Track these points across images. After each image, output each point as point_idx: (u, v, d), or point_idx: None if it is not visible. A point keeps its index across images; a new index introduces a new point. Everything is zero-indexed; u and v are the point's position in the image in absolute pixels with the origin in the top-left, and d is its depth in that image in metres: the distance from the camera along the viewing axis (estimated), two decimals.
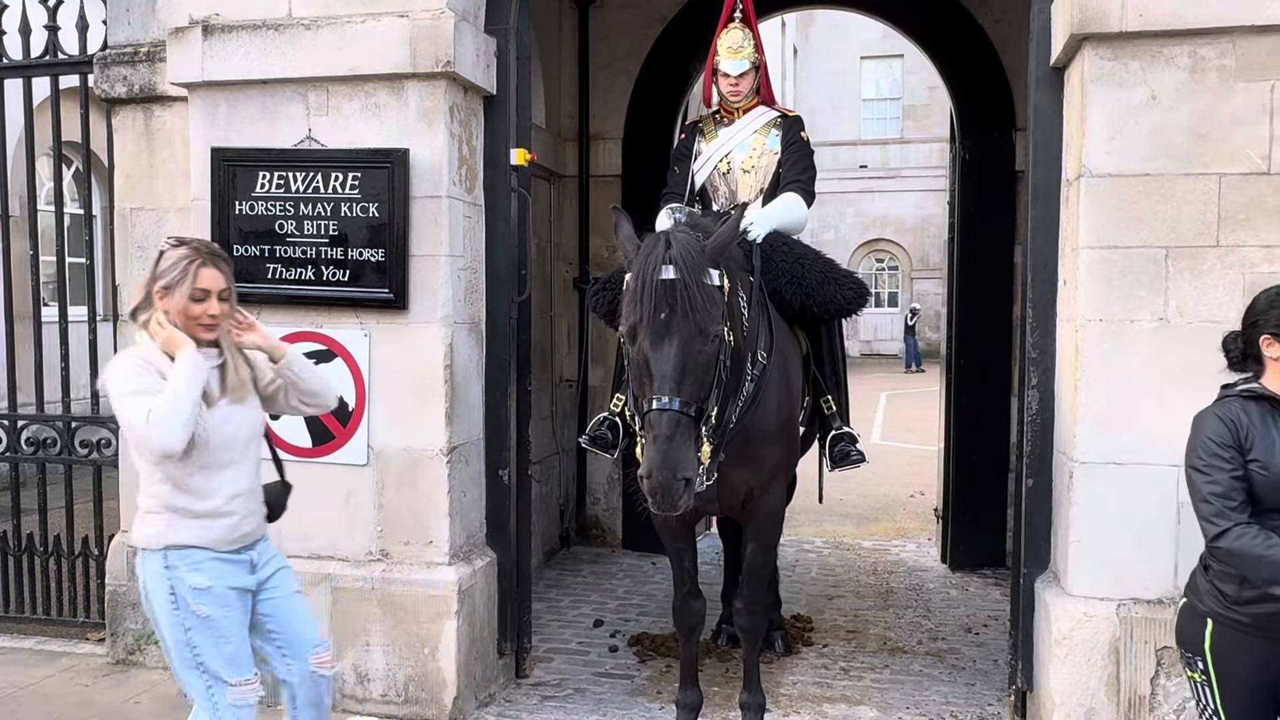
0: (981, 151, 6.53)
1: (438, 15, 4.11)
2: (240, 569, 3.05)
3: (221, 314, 2.96)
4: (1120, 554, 3.70)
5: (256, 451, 3.14)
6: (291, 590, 3.21)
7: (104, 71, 4.84)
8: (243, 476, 3.05)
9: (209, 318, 2.93)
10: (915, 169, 29.99)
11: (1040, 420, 4.00)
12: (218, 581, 2.98)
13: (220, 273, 2.96)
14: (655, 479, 3.10)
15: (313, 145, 4.30)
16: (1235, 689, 2.70)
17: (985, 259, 6.50)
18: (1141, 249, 3.64)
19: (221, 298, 2.95)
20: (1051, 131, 3.97)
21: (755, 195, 4.66)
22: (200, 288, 2.91)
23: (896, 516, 8.78)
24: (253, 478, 3.11)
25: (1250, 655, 2.69)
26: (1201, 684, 2.76)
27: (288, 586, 3.20)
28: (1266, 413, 2.73)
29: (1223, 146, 3.58)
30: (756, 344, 3.83)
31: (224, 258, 3.04)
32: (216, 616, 2.97)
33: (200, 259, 2.93)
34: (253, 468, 3.11)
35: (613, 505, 7.29)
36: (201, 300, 2.91)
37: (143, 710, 4.43)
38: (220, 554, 2.99)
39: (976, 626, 5.56)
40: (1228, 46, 3.56)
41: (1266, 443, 2.68)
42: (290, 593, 3.20)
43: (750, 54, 4.61)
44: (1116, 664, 3.69)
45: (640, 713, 4.44)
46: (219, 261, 2.98)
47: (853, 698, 4.59)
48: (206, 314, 2.92)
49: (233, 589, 3.01)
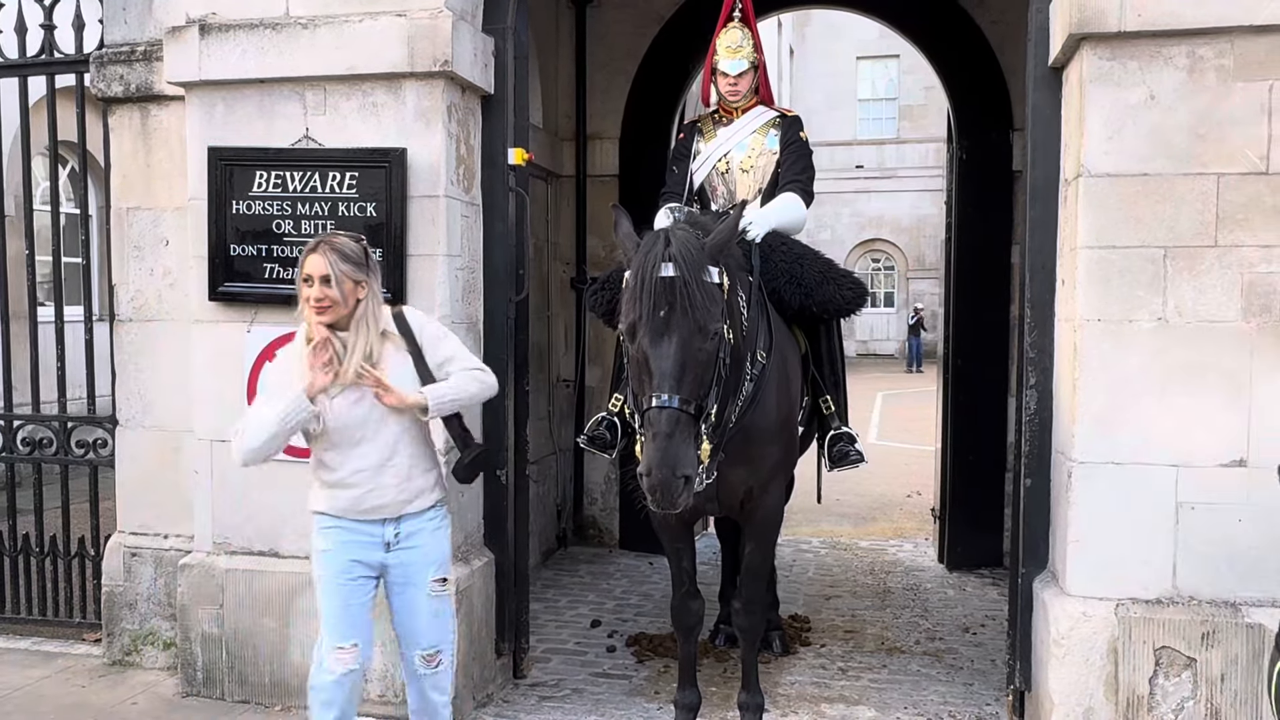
0: (979, 151, 6.54)
1: (435, 15, 4.10)
2: (369, 544, 3.26)
3: (329, 299, 3.12)
4: (1118, 554, 3.70)
5: (395, 429, 3.23)
6: (422, 582, 3.30)
7: (100, 70, 4.82)
8: (372, 453, 3.23)
9: (315, 301, 3.12)
10: (911, 169, 30.05)
11: (1038, 420, 4.00)
12: (338, 549, 3.25)
13: (325, 259, 3.11)
14: (654, 477, 3.09)
15: (310, 145, 4.30)
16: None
17: (983, 259, 6.51)
18: (1140, 249, 3.65)
19: (326, 283, 3.10)
20: (1050, 131, 3.97)
21: (754, 195, 4.65)
22: (305, 273, 3.14)
23: (894, 516, 8.78)
24: (385, 454, 3.24)
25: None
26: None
27: (419, 579, 3.30)
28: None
29: (1221, 146, 3.58)
30: (756, 344, 3.83)
31: (336, 247, 3.17)
32: (328, 579, 3.25)
33: (312, 247, 3.17)
34: (386, 445, 3.23)
35: (610, 505, 7.29)
36: (308, 284, 3.13)
37: (139, 711, 4.42)
38: (348, 523, 3.25)
39: (974, 626, 5.57)
40: (1226, 46, 3.56)
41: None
42: (417, 584, 3.30)
43: (749, 54, 4.61)
44: (1115, 664, 3.69)
45: (638, 713, 4.43)
46: (328, 249, 3.15)
47: (850, 698, 4.59)
48: (312, 298, 3.12)
49: (355, 560, 3.25)
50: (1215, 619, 3.62)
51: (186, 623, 4.52)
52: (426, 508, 3.33)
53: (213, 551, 4.52)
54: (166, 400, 4.80)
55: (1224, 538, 3.63)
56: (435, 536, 3.36)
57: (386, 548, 3.29)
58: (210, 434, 4.48)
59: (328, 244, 3.17)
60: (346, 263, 3.14)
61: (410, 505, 3.29)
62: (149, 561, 4.86)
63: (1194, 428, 3.61)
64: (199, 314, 4.49)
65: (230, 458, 3.32)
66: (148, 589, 4.88)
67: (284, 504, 4.42)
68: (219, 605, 4.46)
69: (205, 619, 4.48)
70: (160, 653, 4.86)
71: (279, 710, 4.41)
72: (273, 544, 4.45)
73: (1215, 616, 3.63)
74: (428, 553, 3.33)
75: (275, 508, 4.43)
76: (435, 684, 3.42)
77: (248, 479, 4.44)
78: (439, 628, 3.37)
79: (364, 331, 3.19)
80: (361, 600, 3.29)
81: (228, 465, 4.46)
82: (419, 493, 3.31)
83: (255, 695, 4.45)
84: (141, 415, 4.88)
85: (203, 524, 4.54)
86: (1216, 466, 3.62)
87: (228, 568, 4.47)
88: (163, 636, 4.86)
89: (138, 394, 4.87)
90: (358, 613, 3.29)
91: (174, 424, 4.76)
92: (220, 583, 4.46)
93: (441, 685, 3.43)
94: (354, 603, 3.28)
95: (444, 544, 3.38)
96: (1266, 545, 3.58)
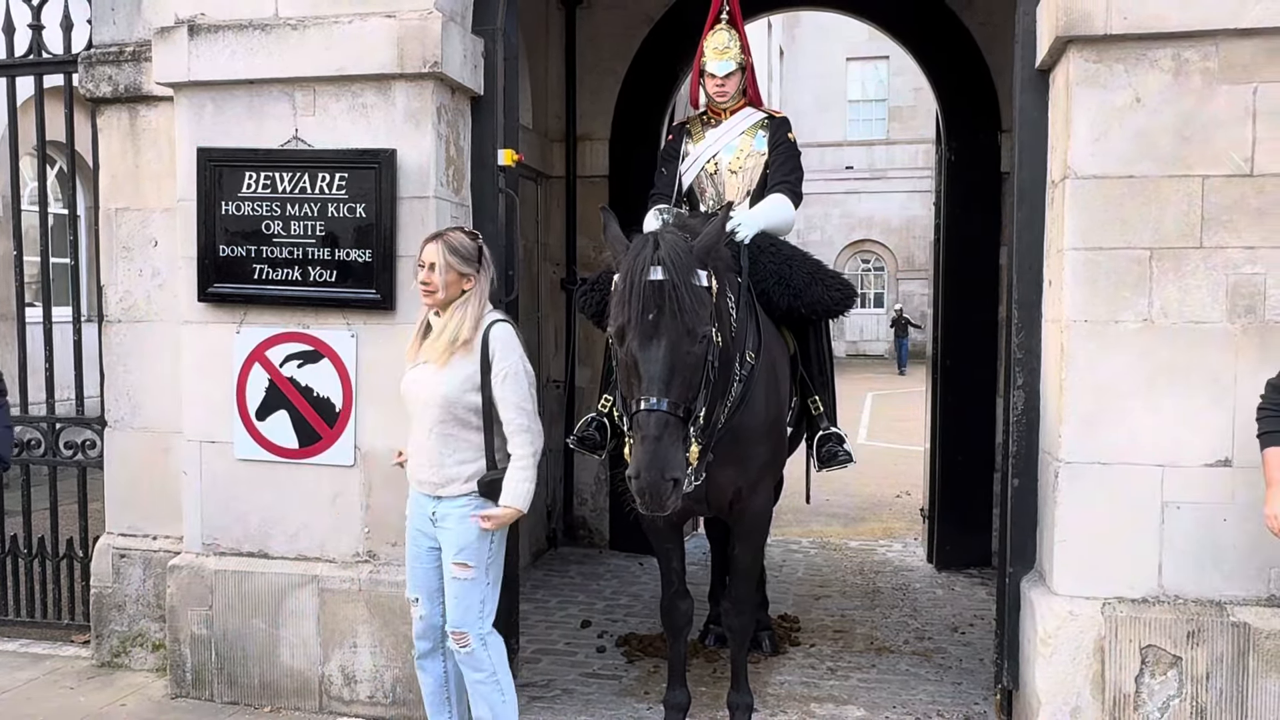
0: (967, 153, 6.57)
1: (425, 16, 4.10)
2: (424, 514, 3.57)
3: (432, 284, 3.45)
4: (1105, 553, 3.72)
5: (434, 419, 3.46)
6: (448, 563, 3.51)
7: (89, 71, 4.81)
8: (420, 431, 3.51)
9: (422, 284, 3.47)
10: (901, 170, 30.14)
11: (1026, 420, 4.02)
12: (410, 515, 3.64)
13: (437, 249, 3.45)
14: (643, 479, 3.11)
15: (300, 145, 4.29)
16: None
17: (971, 260, 6.53)
18: (1126, 250, 3.67)
19: (433, 269, 3.43)
20: (1037, 133, 3.99)
21: (742, 196, 4.66)
22: (419, 260, 3.51)
23: (883, 516, 8.81)
24: (424, 436, 3.50)
25: None
26: None
27: (446, 559, 3.52)
28: None
29: (1206, 149, 3.61)
30: (744, 345, 3.84)
31: (449, 238, 3.49)
32: (407, 541, 3.67)
33: (431, 237, 3.53)
34: (428, 429, 3.48)
35: (600, 506, 7.29)
36: (422, 268, 3.48)
37: (128, 713, 4.41)
38: (413, 493, 3.62)
39: (963, 626, 5.59)
40: (1211, 49, 3.58)
41: None
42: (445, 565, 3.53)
43: (737, 55, 4.62)
44: (1101, 662, 3.71)
45: (628, 713, 4.44)
46: (440, 241, 3.48)
47: (840, 697, 4.60)
48: (420, 280, 3.48)
49: (417, 529, 3.61)
50: (1200, 618, 3.64)
51: (175, 624, 4.52)
52: (457, 495, 3.49)
53: (202, 553, 4.51)
54: (155, 401, 4.79)
55: (1209, 537, 3.65)
56: (462, 524, 3.48)
57: (432, 523, 3.55)
58: (199, 435, 4.47)
59: (444, 237, 3.50)
60: (454, 255, 3.44)
61: (443, 489, 3.50)
62: (138, 563, 4.85)
63: (1179, 428, 3.64)
64: (188, 315, 4.48)
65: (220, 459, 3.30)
66: (136, 590, 4.87)
67: (273, 505, 4.42)
68: (208, 606, 4.45)
69: (194, 620, 4.47)
70: (149, 654, 4.86)
71: (268, 711, 4.40)
72: (262, 545, 4.45)
73: (1200, 615, 3.65)
74: (453, 537, 3.50)
75: (264, 509, 4.43)
76: (463, 660, 3.56)
77: (237, 480, 4.44)
78: (461, 610, 3.51)
79: (456, 319, 3.45)
80: (425, 565, 3.61)
81: (217, 466, 4.46)
82: (449, 480, 3.49)
83: (245, 696, 4.44)
84: (130, 416, 4.87)
85: (192, 525, 4.53)
86: (1201, 466, 3.65)
87: (217, 569, 4.46)
88: (152, 638, 4.85)
89: (126, 395, 4.86)
90: (420, 573, 3.62)
91: (163, 425, 4.76)
92: (209, 584, 4.45)
93: (469, 663, 3.55)
94: (416, 565, 3.63)
95: (470, 532, 3.48)
96: (1251, 545, 3.60)
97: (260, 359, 4.38)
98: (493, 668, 3.56)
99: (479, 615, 3.52)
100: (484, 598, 3.53)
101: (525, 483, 3.46)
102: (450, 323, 3.45)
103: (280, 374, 4.35)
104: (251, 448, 4.40)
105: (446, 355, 3.43)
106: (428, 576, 3.61)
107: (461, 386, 3.44)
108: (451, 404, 3.43)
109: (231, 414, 4.40)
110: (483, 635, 3.53)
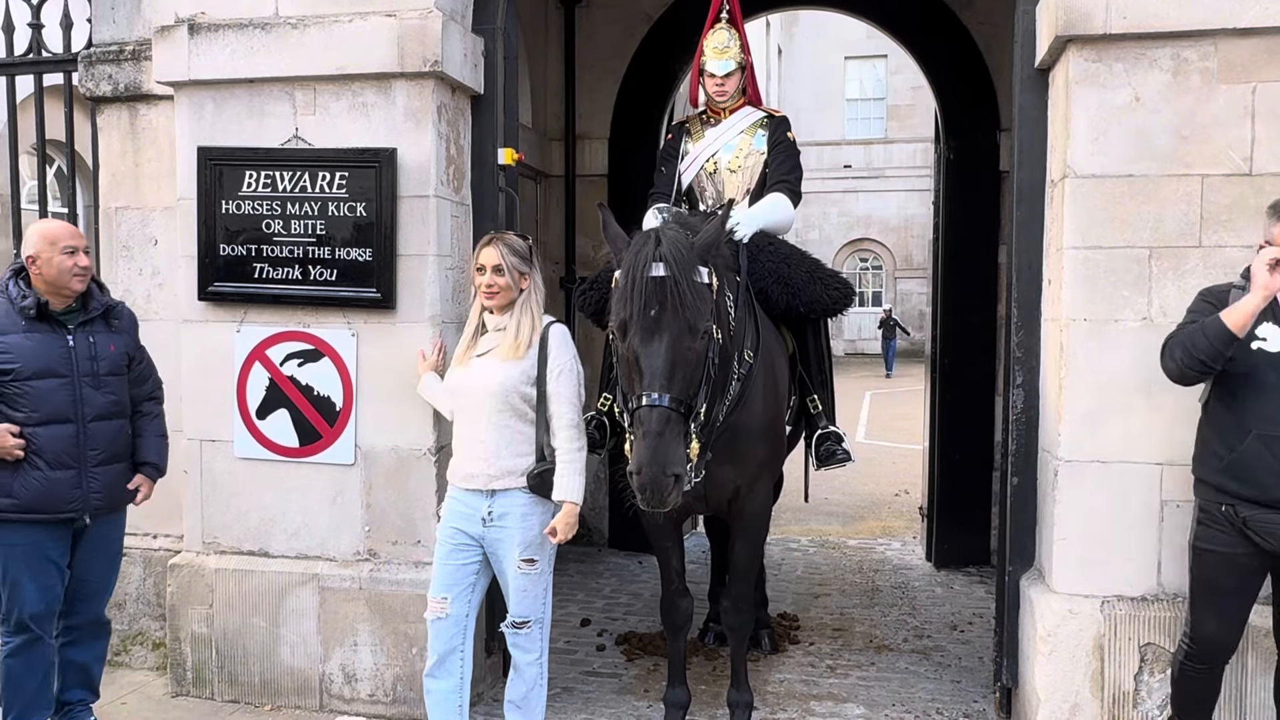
0: (966, 152, 6.57)
1: (425, 15, 4.10)
2: (469, 514, 3.56)
3: (498, 285, 3.51)
4: (1104, 552, 3.74)
5: (493, 409, 3.49)
6: (510, 560, 3.55)
7: (89, 70, 4.81)
8: (476, 423, 3.53)
9: (485, 287, 3.52)
10: (899, 169, 30.13)
11: (1025, 419, 4.03)
12: (448, 514, 3.62)
13: (497, 250, 3.51)
14: (644, 475, 3.11)
15: (300, 144, 4.30)
16: None
17: (970, 259, 6.54)
18: (1125, 249, 3.68)
19: (498, 272, 3.50)
20: (1036, 132, 4.00)
21: (742, 195, 4.67)
22: (479, 263, 3.55)
23: (882, 515, 8.82)
24: (480, 428, 3.52)
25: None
26: None
27: (508, 556, 3.54)
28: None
29: (1205, 148, 3.62)
30: (743, 344, 3.85)
31: (506, 240, 3.58)
32: (438, 541, 3.65)
33: (486, 241, 3.60)
34: (486, 419, 3.50)
35: (599, 504, 7.29)
36: (480, 273, 3.53)
37: (129, 711, 4.41)
38: (456, 491, 3.59)
39: (961, 624, 5.60)
40: (1210, 49, 3.59)
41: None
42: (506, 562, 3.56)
43: (736, 54, 4.62)
44: (1101, 660, 3.72)
45: (628, 711, 4.45)
46: (498, 244, 3.55)
47: (839, 695, 4.61)
48: (484, 284, 3.52)
49: (455, 528, 3.58)
50: None
51: (176, 623, 4.52)
52: (512, 489, 3.51)
53: (202, 551, 4.52)
54: None
55: None
56: (525, 521, 3.52)
57: (483, 522, 3.54)
58: (199, 434, 4.48)
59: (501, 239, 3.58)
60: (514, 256, 3.52)
61: (498, 481, 3.51)
62: (138, 562, 4.85)
63: (1178, 427, 3.64)
64: (188, 314, 4.48)
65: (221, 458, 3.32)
66: (136, 589, 4.87)
67: (273, 504, 4.42)
68: (208, 605, 4.46)
69: (195, 619, 4.48)
70: (150, 653, 4.86)
71: (269, 710, 4.41)
72: (262, 543, 4.45)
73: None
74: (515, 535, 3.53)
75: (265, 507, 4.43)
76: (517, 643, 3.62)
77: (237, 478, 4.45)
78: (527, 602, 3.59)
79: (525, 319, 3.53)
80: (459, 562, 3.60)
81: (217, 465, 4.47)
82: (506, 473, 3.51)
83: (245, 695, 4.45)
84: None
85: (192, 524, 4.54)
86: None
87: (217, 567, 4.47)
88: (152, 636, 4.86)
89: None
90: (451, 571, 3.60)
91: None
92: (209, 582, 4.46)
93: (524, 645, 3.63)
94: (450, 563, 3.61)
95: (533, 529, 3.53)
96: None
97: (261, 358, 4.38)
98: (540, 650, 3.66)
99: (543, 604, 3.63)
100: (546, 586, 3.64)
101: (578, 475, 3.51)
102: (520, 322, 3.53)
103: (281, 373, 4.36)
104: (252, 446, 4.40)
105: (515, 352, 3.50)
106: (462, 575, 3.62)
107: (520, 379, 3.50)
108: (510, 393, 3.48)
109: (232, 413, 4.41)
110: (542, 620, 3.64)
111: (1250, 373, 3.13)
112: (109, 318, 3.83)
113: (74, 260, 3.65)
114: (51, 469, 3.61)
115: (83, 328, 3.72)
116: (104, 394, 3.74)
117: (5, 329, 3.61)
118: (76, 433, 3.66)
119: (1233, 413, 3.17)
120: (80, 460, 3.67)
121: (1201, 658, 3.32)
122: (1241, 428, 3.13)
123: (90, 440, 3.69)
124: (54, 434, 3.62)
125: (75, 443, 3.66)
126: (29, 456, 3.58)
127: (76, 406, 3.66)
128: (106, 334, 3.80)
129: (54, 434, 3.62)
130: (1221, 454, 3.18)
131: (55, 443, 3.62)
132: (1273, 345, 3.11)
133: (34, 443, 3.59)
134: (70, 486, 3.65)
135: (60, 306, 3.68)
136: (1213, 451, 3.22)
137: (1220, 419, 3.22)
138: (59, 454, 3.62)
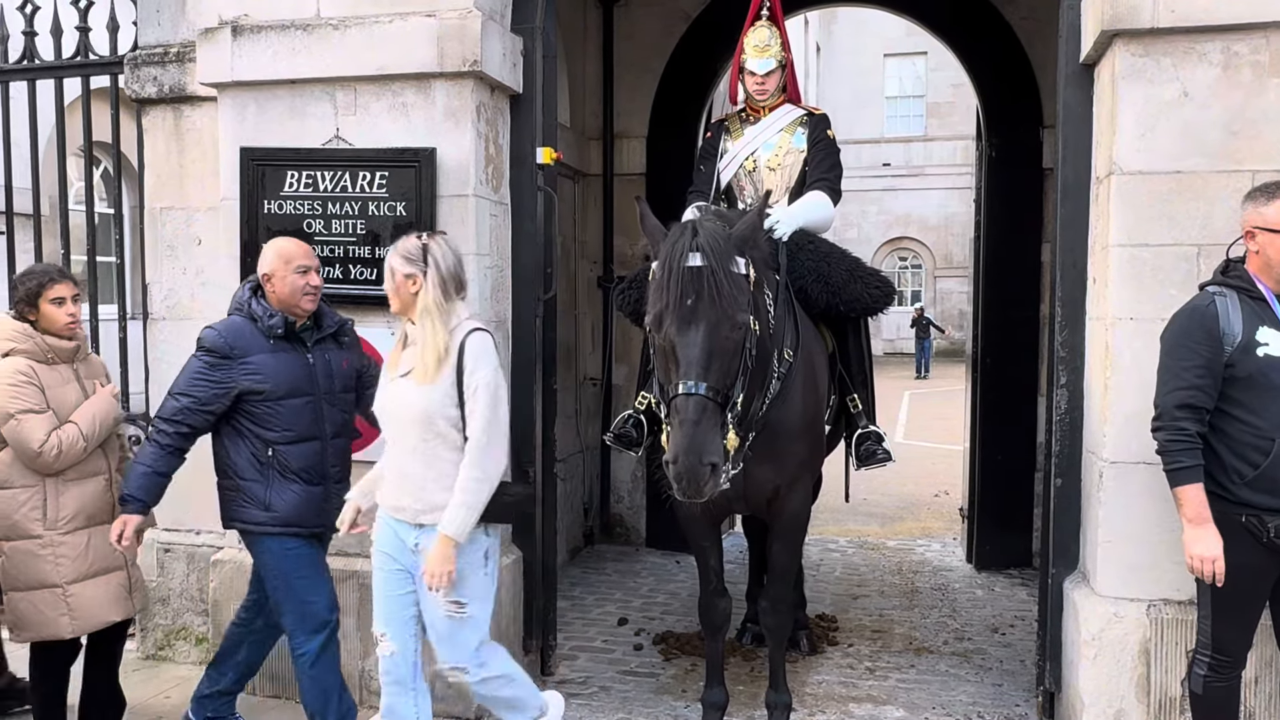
0: (1009, 149, 6.50)
1: (465, 15, 4.12)
2: (399, 543, 3.35)
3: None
4: (1151, 555, 3.67)
5: (418, 437, 3.25)
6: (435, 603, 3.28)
7: (134, 72, 4.88)
8: (401, 454, 3.30)
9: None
10: (939, 167, 29.87)
11: (1069, 420, 3.97)
12: (379, 538, 3.42)
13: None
14: (681, 463, 3.09)
15: (340, 145, 4.33)
16: None
17: (1012, 257, 6.47)
18: (1173, 247, 3.61)
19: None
20: (1081, 129, 3.94)
21: (782, 193, 4.64)
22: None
23: (921, 516, 8.75)
24: (406, 460, 3.29)
25: None
26: None
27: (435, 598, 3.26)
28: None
29: (1256, 143, 3.54)
30: (783, 342, 3.82)
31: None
32: (374, 566, 3.43)
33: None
34: (411, 449, 3.27)
35: (637, 504, 7.30)
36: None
37: (172, 705, 4.47)
38: (387, 517, 3.38)
39: (1003, 627, 5.53)
40: (1261, 42, 3.52)
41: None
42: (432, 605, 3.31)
43: (777, 52, 4.60)
44: (1147, 665, 3.66)
45: (666, 711, 4.44)
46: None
47: (879, 697, 4.57)
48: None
49: (386, 553, 3.39)
50: None
51: (218, 618, 4.56)
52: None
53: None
54: None
55: None
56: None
57: (411, 553, 3.34)
58: None
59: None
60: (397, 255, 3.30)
61: (425, 516, 3.28)
62: (182, 558, 4.91)
63: None
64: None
65: None
66: (180, 585, 4.94)
67: None
68: None
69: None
70: (193, 648, 4.92)
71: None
72: None
73: None
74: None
75: None
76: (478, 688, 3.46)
77: None
78: (454, 648, 3.36)
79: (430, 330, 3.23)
80: (396, 593, 3.39)
81: None
82: (433, 507, 3.25)
83: (285, 690, 4.48)
84: None
85: None
86: None
87: None
88: (195, 631, 4.92)
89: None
90: (391, 603, 3.40)
91: None
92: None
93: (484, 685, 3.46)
94: (386, 595, 3.41)
95: (462, 567, 3.25)
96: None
97: None
98: (499, 672, 3.48)
99: (475, 650, 3.38)
100: (479, 632, 3.38)
101: (467, 509, 3.18)
102: (425, 343, 3.23)
103: None
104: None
105: (426, 376, 3.21)
106: (400, 606, 3.38)
107: (441, 402, 3.22)
108: (432, 419, 3.22)
109: None
110: (481, 661, 3.41)
111: (1262, 381, 3.05)
112: (339, 335, 3.84)
113: (306, 279, 3.66)
114: (308, 484, 3.64)
115: (318, 345, 3.74)
116: (340, 411, 3.77)
117: (251, 349, 3.60)
118: (322, 449, 3.69)
119: (1249, 425, 3.08)
120: (325, 477, 3.70)
121: (1224, 668, 3.22)
122: (1263, 437, 3.05)
123: (332, 457, 3.73)
124: (303, 452, 3.64)
125: (321, 460, 3.69)
126: (284, 473, 3.59)
127: (319, 424, 3.69)
128: (338, 351, 3.82)
129: (303, 452, 3.65)
130: (1244, 470, 3.09)
131: (306, 459, 3.64)
132: (1277, 349, 3.07)
133: (287, 461, 3.61)
134: (321, 501, 3.67)
135: (299, 324, 3.69)
136: (1230, 467, 3.12)
137: (1235, 433, 3.11)
138: (310, 471, 3.65)
